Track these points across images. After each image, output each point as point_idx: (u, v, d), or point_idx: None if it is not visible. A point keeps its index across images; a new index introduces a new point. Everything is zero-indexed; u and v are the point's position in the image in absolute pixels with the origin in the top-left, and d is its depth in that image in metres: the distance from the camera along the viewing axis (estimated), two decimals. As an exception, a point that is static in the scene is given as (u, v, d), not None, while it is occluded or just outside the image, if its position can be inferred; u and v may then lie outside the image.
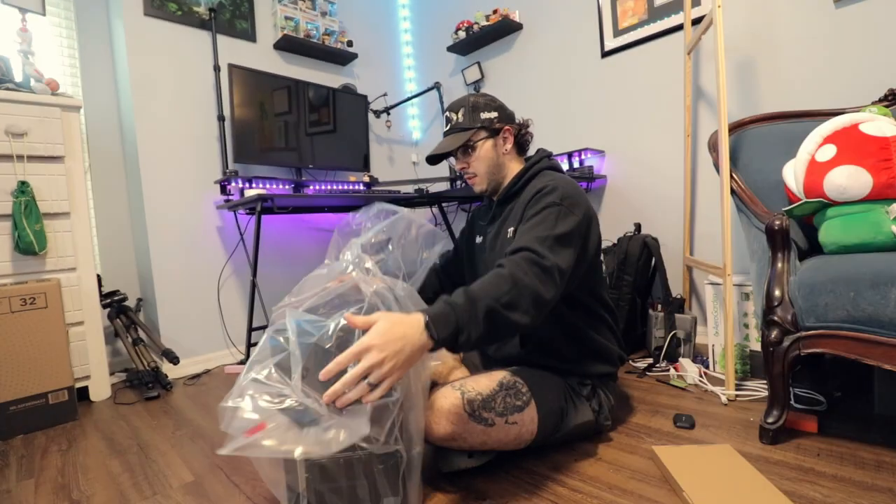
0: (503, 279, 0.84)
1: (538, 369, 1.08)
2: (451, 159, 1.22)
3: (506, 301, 0.82)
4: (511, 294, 0.83)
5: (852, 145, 1.14)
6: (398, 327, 0.73)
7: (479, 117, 1.14)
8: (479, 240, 1.26)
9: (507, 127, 1.16)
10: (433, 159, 1.20)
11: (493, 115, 1.15)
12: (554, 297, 0.89)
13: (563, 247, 0.94)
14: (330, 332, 0.78)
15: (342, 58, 2.70)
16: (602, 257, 1.19)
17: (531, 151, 1.25)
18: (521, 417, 0.97)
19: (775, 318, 1.06)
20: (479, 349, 1.05)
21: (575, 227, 0.98)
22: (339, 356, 0.71)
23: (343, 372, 0.72)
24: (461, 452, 0.98)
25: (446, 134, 1.18)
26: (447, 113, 1.18)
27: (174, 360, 1.86)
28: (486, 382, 1.00)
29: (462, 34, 2.61)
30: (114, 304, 1.96)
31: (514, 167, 1.19)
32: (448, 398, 0.94)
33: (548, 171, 1.15)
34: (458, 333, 0.77)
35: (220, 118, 2.19)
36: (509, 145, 1.17)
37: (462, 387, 0.97)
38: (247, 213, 2.26)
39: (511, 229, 1.10)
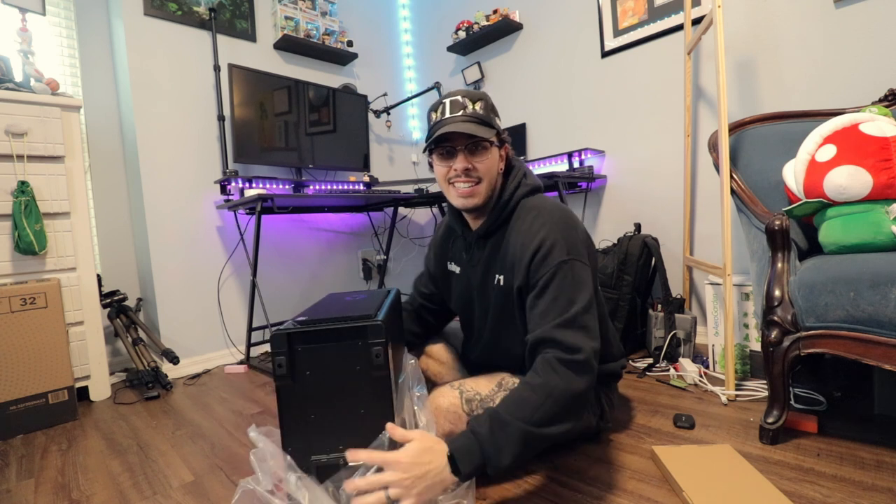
0: (535, 392, 0.79)
1: None
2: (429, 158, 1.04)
3: (539, 418, 0.77)
4: (545, 408, 0.78)
5: (852, 145, 1.14)
6: (426, 455, 0.73)
7: (496, 120, 1.00)
8: (454, 268, 1.15)
9: (506, 145, 1.04)
10: (446, 136, 0.96)
11: (501, 126, 1.03)
12: (592, 383, 0.84)
13: (587, 314, 0.87)
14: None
15: (342, 58, 2.70)
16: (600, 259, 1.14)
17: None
18: None
19: (775, 318, 1.06)
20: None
21: (589, 276, 0.92)
22: (372, 454, 0.73)
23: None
24: None
25: (459, 119, 0.96)
26: (459, 98, 0.98)
27: (174, 360, 1.86)
28: (485, 383, 1.00)
29: (462, 34, 2.61)
30: (114, 303, 1.96)
31: (498, 190, 1.04)
32: (446, 397, 0.94)
33: (530, 201, 1.01)
34: (486, 465, 0.75)
35: (220, 118, 2.19)
36: (503, 164, 1.04)
37: (461, 386, 0.98)
38: (247, 213, 2.26)
39: (500, 278, 1.00)
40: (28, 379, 1.49)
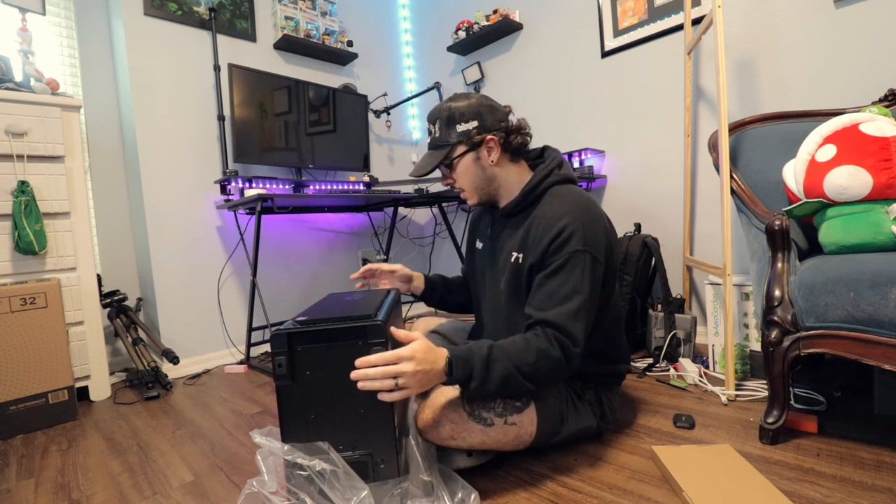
0: (531, 351, 0.89)
1: None
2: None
3: (526, 371, 0.88)
4: (534, 367, 0.88)
5: (852, 145, 1.14)
6: (431, 353, 0.83)
7: (456, 130, 1.03)
8: (479, 245, 1.23)
9: (489, 137, 1.03)
10: (420, 174, 1.11)
11: (472, 125, 1.02)
12: (573, 367, 0.93)
13: (587, 308, 0.94)
14: None
15: (342, 58, 2.70)
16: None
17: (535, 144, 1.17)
18: (520, 419, 0.97)
19: (775, 318, 1.06)
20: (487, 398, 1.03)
21: (599, 272, 0.97)
22: (386, 354, 0.80)
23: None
24: (461, 451, 0.99)
25: (429, 146, 1.10)
26: (427, 124, 1.10)
27: (174, 359, 1.86)
28: None
29: (462, 34, 2.61)
30: (114, 303, 1.96)
31: (512, 176, 1.08)
32: (448, 396, 0.95)
33: (562, 189, 1.04)
34: (470, 379, 0.86)
35: (220, 118, 2.19)
36: (495, 156, 1.04)
37: None
38: (247, 213, 2.26)
39: (515, 254, 1.04)
40: (28, 379, 1.49)
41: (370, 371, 0.79)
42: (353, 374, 0.79)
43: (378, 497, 0.82)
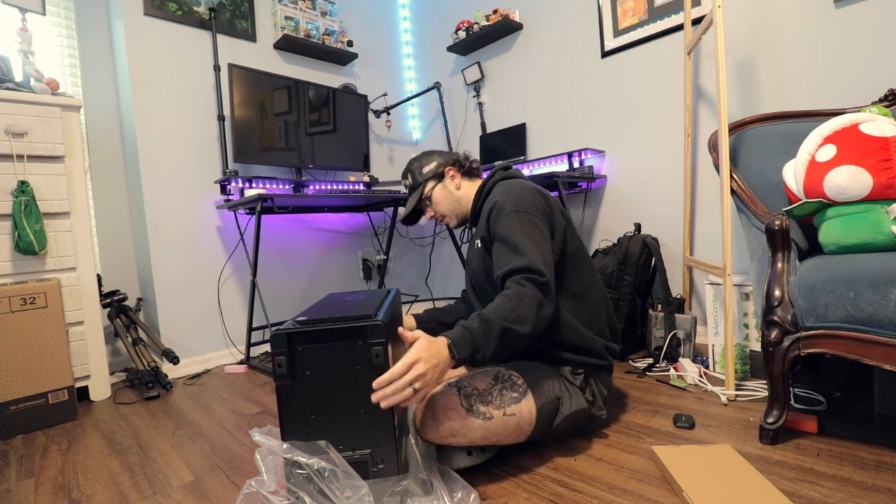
0: (511, 299, 0.95)
1: (530, 360, 1.10)
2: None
3: (514, 318, 0.92)
4: (519, 309, 0.93)
5: (852, 145, 1.14)
6: (434, 346, 0.85)
7: (423, 172, 1.29)
8: (466, 254, 1.40)
9: (448, 168, 1.28)
10: (407, 220, 1.35)
11: (433, 164, 1.29)
12: (552, 297, 1.00)
13: (537, 245, 1.03)
14: None
15: (342, 58, 2.70)
16: (587, 253, 1.23)
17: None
18: (518, 409, 0.99)
19: (775, 318, 1.06)
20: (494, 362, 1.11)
21: (539, 224, 1.08)
22: (396, 367, 0.81)
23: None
24: (460, 450, 0.99)
25: (408, 193, 1.35)
26: (403, 180, 1.37)
27: (174, 359, 1.86)
28: (482, 377, 1.02)
29: (462, 34, 2.61)
30: (114, 303, 1.96)
31: (473, 193, 1.29)
32: (445, 395, 0.95)
33: (501, 182, 1.23)
34: (475, 352, 0.89)
35: (220, 118, 2.19)
36: (458, 179, 1.29)
37: (458, 383, 0.99)
38: (247, 213, 2.26)
39: (478, 241, 1.19)
40: (28, 379, 1.49)
41: (388, 389, 0.80)
42: (375, 397, 0.80)
43: (378, 495, 0.82)
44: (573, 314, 1.13)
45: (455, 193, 1.29)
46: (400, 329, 0.91)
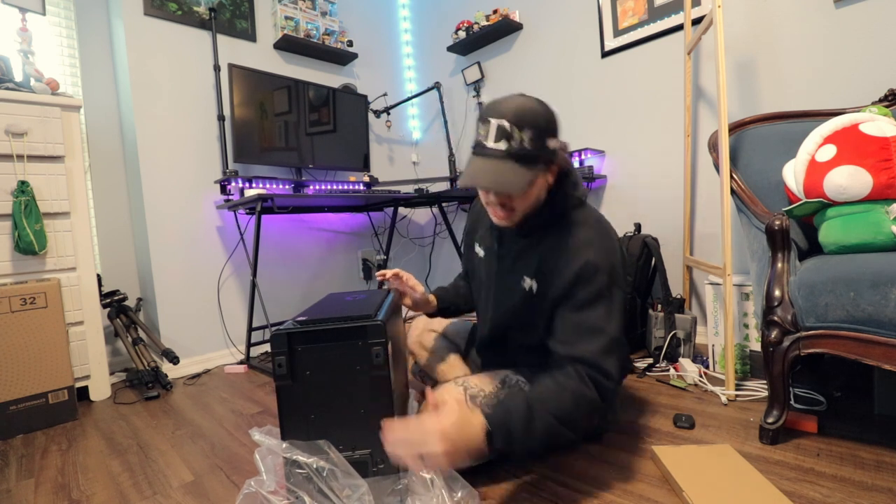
0: (568, 397, 0.82)
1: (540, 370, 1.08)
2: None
3: (566, 420, 0.82)
4: (573, 415, 0.82)
5: (852, 145, 1.14)
6: (466, 429, 0.75)
7: (547, 146, 0.87)
8: (479, 252, 1.15)
9: (561, 157, 0.94)
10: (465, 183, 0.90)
11: (559, 144, 0.91)
12: (609, 404, 0.91)
13: (620, 343, 0.90)
14: None
15: (342, 58, 2.70)
16: None
17: None
18: None
19: (775, 318, 1.06)
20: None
21: (623, 307, 0.93)
22: (411, 426, 0.74)
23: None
24: None
25: (497, 154, 0.85)
26: (506, 124, 0.85)
27: (174, 359, 1.86)
28: (489, 380, 1.01)
29: (462, 34, 2.61)
30: (114, 303, 1.96)
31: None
32: (451, 394, 0.95)
33: (581, 212, 0.97)
34: (512, 445, 0.79)
35: (220, 118, 2.18)
36: (552, 178, 0.94)
37: (465, 383, 0.99)
38: (247, 213, 2.26)
39: (528, 281, 0.97)
40: (28, 379, 1.49)
41: (397, 450, 0.74)
42: (385, 439, 0.75)
43: (378, 493, 0.82)
44: None
45: (540, 193, 0.93)
46: (428, 390, 0.86)
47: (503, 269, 1.05)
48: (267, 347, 2.22)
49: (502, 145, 0.85)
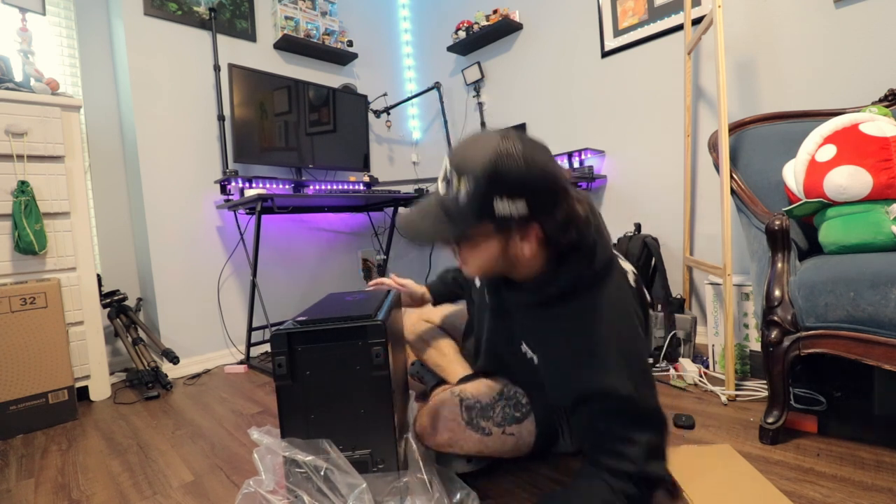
0: None
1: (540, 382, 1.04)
2: None
3: None
4: None
5: (852, 145, 1.14)
6: None
7: (493, 207, 0.69)
8: (477, 283, 1.08)
9: (533, 226, 0.72)
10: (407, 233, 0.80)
11: (519, 208, 0.69)
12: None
13: (660, 439, 0.75)
14: None
15: (342, 58, 2.70)
16: None
17: None
18: (518, 429, 0.95)
19: (775, 318, 1.06)
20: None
21: (654, 392, 0.77)
22: None
23: None
24: (460, 456, 0.98)
25: (433, 201, 0.76)
26: (447, 166, 0.74)
27: (174, 359, 1.86)
28: (486, 390, 0.98)
29: (462, 34, 2.61)
30: (114, 303, 1.96)
31: (535, 262, 0.78)
32: (447, 405, 0.94)
33: (590, 291, 0.78)
34: None
35: (220, 118, 2.18)
36: (529, 250, 0.74)
37: (461, 393, 0.96)
38: (247, 213, 2.26)
39: (533, 356, 0.88)
40: (28, 379, 1.49)
41: None
42: None
43: (378, 490, 0.82)
44: None
45: (510, 259, 0.77)
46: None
47: (498, 323, 0.96)
48: (267, 347, 2.22)
49: (442, 188, 0.75)
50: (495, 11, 2.50)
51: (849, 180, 1.11)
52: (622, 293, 0.81)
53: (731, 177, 1.37)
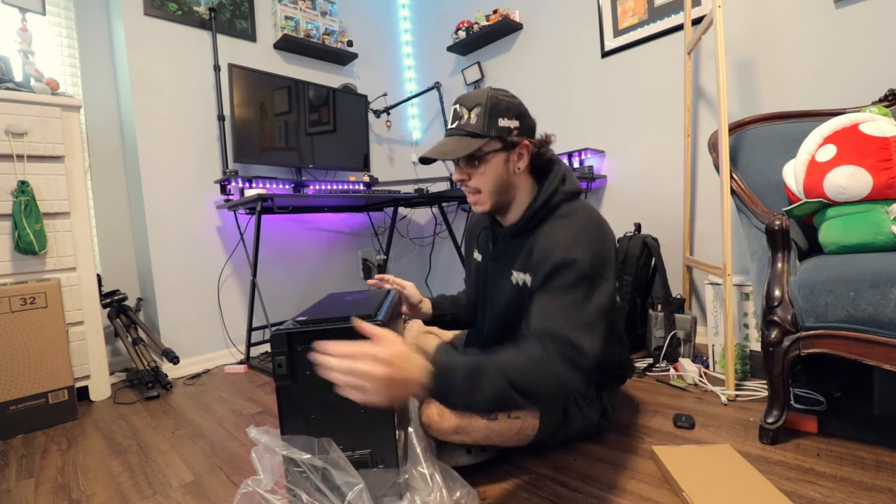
0: (531, 366, 0.78)
1: None
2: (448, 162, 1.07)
3: (521, 387, 0.76)
4: (532, 384, 0.77)
5: (852, 145, 1.14)
6: (411, 362, 0.70)
7: (497, 124, 0.93)
8: (477, 257, 1.18)
9: (525, 142, 0.96)
10: (429, 160, 0.99)
11: (514, 124, 0.94)
12: (583, 385, 0.88)
13: (599, 319, 0.86)
14: None
15: (342, 58, 2.70)
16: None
17: None
18: (524, 413, 0.98)
19: (775, 318, 1.06)
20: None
21: (608, 295, 0.88)
22: (353, 345, 0.67)
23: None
24: (460, 448, 0.99)
25: (450, 133, 0.97)
26: (457, 106, 0.96)
27: (174, 359, 1.86)
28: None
29: (462, 34, 2.61)
30: (114, 303, 1.96)
31: (524, 191, 1.00)
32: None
33: (567, 205, 0.98)
34: (451, 396, 0.74)
35: (220, 118, 2.18)
36: (523, 164, 0.97)
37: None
38: (247, 213, 2.26)
39: (520, 276, 0.98)
40: (28, 379, 1.49)
41: (332, 361, 0.65)
42: (313, 357, 0.67)
43: (377, 487, 0.82)
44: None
45: (511, 177, 0.97)
46: (355, 318, 0.77)
47: (498, 269, 1.07)
48: (267, 347, 2.22)
49: (455, 125, 0.96)
50: (495, 11, 2.50)
51: (849, 180, 1.11)
52: (593, 212, 0.98)
53: (731, 177, 1.37)
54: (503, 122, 0.93)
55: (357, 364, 0.65)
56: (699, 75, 1.91)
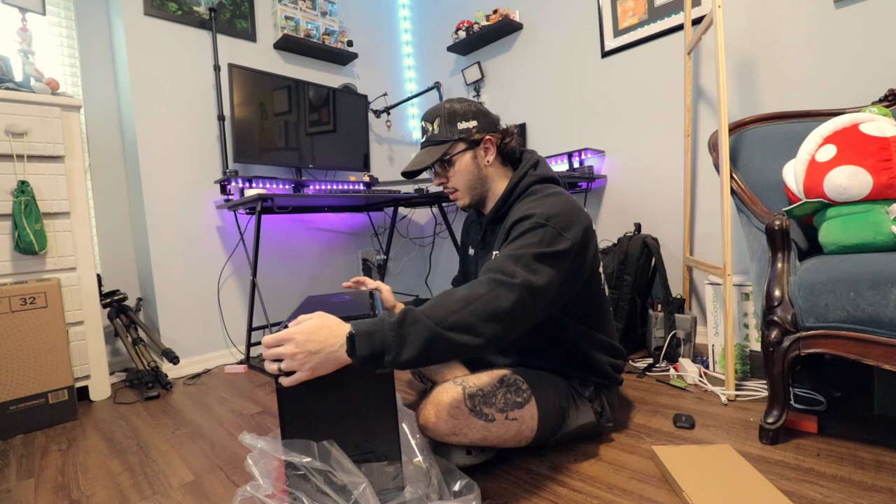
0: (455, 300, 0.79)
1: (538, 370, 1.09)
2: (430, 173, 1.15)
3: (451, 323, 0.76)
4: (459, 315, 0.77)
5: (852, 145, 1.14)
6: (323, 332, 0.75)
7: (457, 128, 1.06)
8: (471, 251, 1.27)
9: (487, 137, 1.07)
10: (410, 174, 1.11)
11: (472, 124, 1.06)
12: (521, 313, 0.82)
13: (541, 264, 0.86)
14: None
15: (342, 58, 2.70)
16: (601, 264, 1.13)
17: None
18: (521, 414, 0.98)
19: (775, 318, 1.06)
20: (420, 368, 1.00)
21: (564, 248, 0.90)
22: (269, 337, 0.75)
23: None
24: (460, 448, 0.99)
25: (422, 146, 1.11)
26: (422, 122, 1.11)
27: (174, 359, 1.86)
28: (487, 379, 1.01)
29: (462, 34, 2.61)
30: (114, 303, 1.96)
31: (500, 181, 1.11)
32: (449, 393, 0.95)
33: (538, 185, 1.06)
34: (382, 353, 0.74)
35: (220, 118, 2.18)
36: (491, 157, 1.08)
37: (463, 382, 0.99)
38: (247, 213, 2.26)
39: (495, 253, 1.01)
40: (28, 379, 1.49)
41: (265, 351, 0.75)
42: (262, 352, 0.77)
43: (379, 481, 0.82)
44: (589, 343, 1.09)
45: (483, 171, 1.09)
46: (289, 325, 0.79)
47: (483, 256, 1.15)
48: (267, 347, 2.22)
49: (424, 138, 1.11)
50: (495, 11, 2.50)
51: (849, 180, 1.11)
52: (566, 194, 1.03)
53: (731, 177, 1.37)
54: (462, 125, 1.06)
55: (274, 350, 0.74)
56: (699, 75, 1.91)
